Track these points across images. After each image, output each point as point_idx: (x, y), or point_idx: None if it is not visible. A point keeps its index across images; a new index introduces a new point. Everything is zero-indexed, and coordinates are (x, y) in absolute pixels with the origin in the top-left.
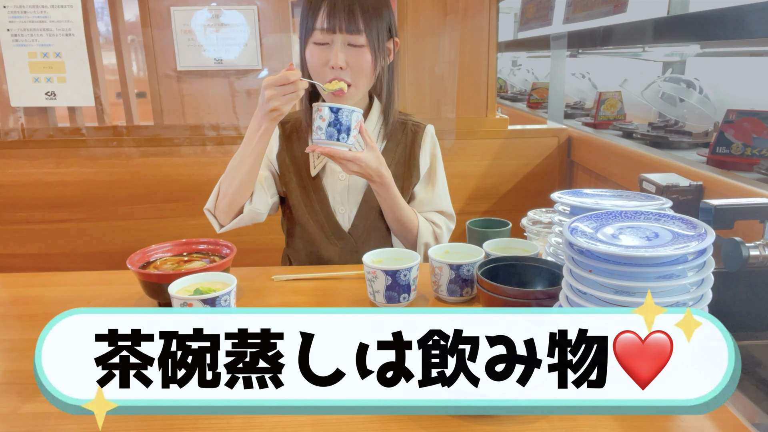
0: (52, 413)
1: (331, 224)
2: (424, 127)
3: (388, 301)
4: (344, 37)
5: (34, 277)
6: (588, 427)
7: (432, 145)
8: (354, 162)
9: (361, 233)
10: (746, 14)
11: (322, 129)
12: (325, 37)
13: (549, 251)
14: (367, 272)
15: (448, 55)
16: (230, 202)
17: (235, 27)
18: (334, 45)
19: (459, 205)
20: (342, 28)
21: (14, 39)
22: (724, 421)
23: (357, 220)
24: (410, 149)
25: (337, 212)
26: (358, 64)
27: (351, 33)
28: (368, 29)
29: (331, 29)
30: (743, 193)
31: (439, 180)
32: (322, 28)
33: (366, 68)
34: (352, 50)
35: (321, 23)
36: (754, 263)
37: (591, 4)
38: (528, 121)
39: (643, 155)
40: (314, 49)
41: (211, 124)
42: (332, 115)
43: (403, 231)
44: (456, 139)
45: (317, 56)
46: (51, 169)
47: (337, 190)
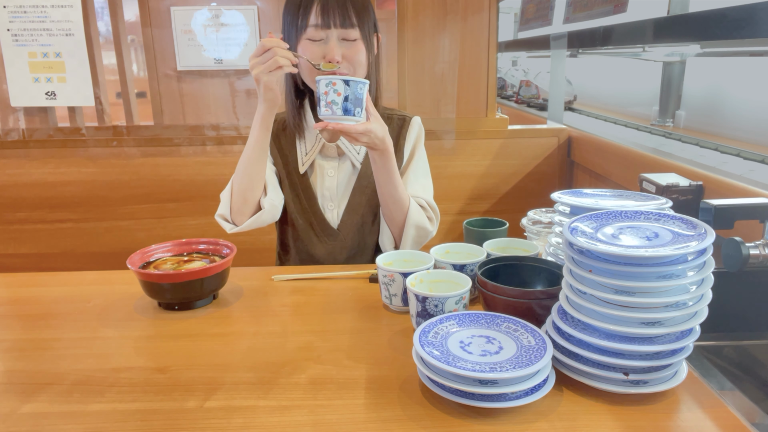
0: (52, 413)
1: (320, 221)
2: (410, 120)
3: (405, 305)
4: (339, 32)
5: (34, 277)
6: (588, 427)
7: (415, 136)
8: (365, 134)
9: (349, 229)
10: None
11: (338, 104)
12: (320, 33)
13: (549, 251)
14: (383, 276)
15: (448, 55)
16: (245, 198)
17: (235, 27)
18: (330, 40)
19: (458, 205)
20: (336, 24)
21: (14, 39)
22: (724, 421)
23: (346, 217)
24: (396, 143)
25: (326, 209)
26: (355, 56)
27: (345, 28)
28: (360, 23)
29: (325, 25)
30: (743, 193)
31: (416, 170)
32: (316, 25)
33: (362, 61)
34: (346, 44)
35: (315, 20)
36: (754, 263)
37: (591, 4)
38: (528, 121)
39: (643, 155)
40: (308, 45)
41: (211, 124)
42: (347, 88)
43: (395, 210)
44: (456, 139)
45: (313, 52)
46: (51, 169)
47: (326, 186)
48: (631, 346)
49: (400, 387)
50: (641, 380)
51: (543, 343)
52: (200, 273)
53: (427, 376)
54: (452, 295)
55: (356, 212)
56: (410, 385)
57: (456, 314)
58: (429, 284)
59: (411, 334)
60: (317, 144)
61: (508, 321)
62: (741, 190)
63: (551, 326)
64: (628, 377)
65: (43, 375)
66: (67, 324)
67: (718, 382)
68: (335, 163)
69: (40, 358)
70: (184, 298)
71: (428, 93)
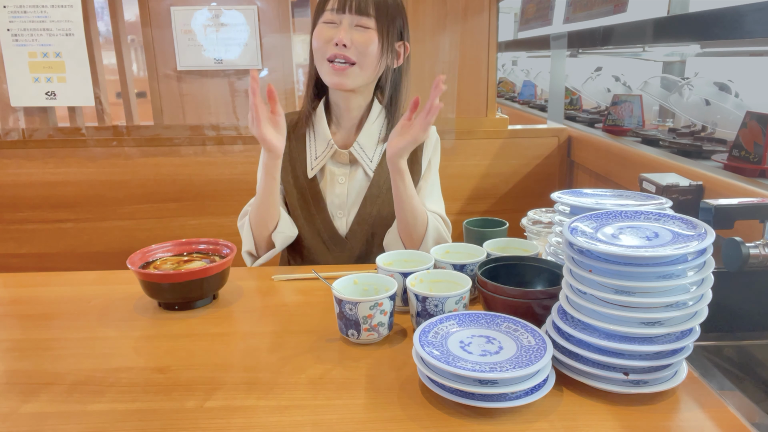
0: (52, 413)
1: (328, 229)
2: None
3: (405, 305)
4: (353, 17)
5: (34, 277)
6: (588, 427)
7: (432, 147)
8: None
9: (358, 239)
10: (746, 14)
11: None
12: (334, 17)
13: (549, 251)
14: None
15: (448, 55)
16: (262, 237)
17: (235, 27)
18: (342, 24)
19: (459, 205)
20: (351, 9)
21: (14, 39)
22: (724, 421)
23: (355, 226)
24: (413, 153)
25: (335, 217)
26: (364, 42)
27: (360, 14)
28: (379, 16)
29: (341, 9)
30: (743, 193)
31: (432, 183)
32: (332, 9)
33: (372, 50)
34: (359, 30)
35: (332, 4)
36: (754, 263)
37: (591, 4)
38: (528, 121)
39: (643, 155)
40: (322, 27)
41: (211, 124)
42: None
43: (414, 226)
44: (456, 139)
45: (323, 33)
46: (51, 169)
47: (335, 194)
48: (631, 346)
49: (400, 387)
50: (641, 380)
51: (543, 343)
52: (200, 273)
53: (427, 376)
54: (452, 295)
55: (366, 222)
56: (410, 385)
57: (456, 314)
58: (429, 284)
59: (411, 334)
60: (329, 149)
61: (508, 321)
62: (741, 190)
63: (551, 326)
64: (628, 377)
65: (43, 375)
66: (67, 324)
67: (718, 382)
68: (346, 170)
69: (40, 358)
70: (184, 298)
71: (428, 93)
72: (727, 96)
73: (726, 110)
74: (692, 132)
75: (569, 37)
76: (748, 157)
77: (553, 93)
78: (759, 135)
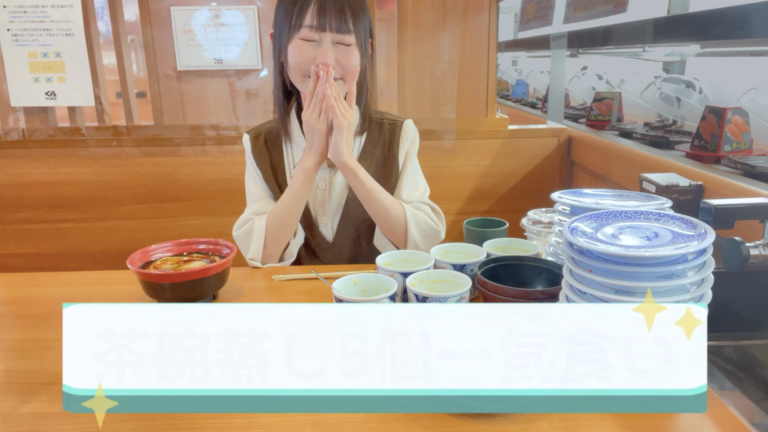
0: (52, 413)
1: (315, 235)
2: (401, 125)
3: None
4: (333, 36)
5: (34, 277)
6: (588, 427)
7: (410, 140)
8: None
9: (346, 243)
10: (746, 14)
11: None
12: (314, 34)
13: (549, 251)
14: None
15: (448, 55)
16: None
17: (235, 27)
18: (323, 43)
19: (458, 205)
20: (332, 27)
21: (14, 39)
22: (724, 421)
23: (341, 230)
24: (388, 149)
25: (320, 223)
26: (348, 62)
27: (341, 32)
28: (357, 29)
29: (321, 27)
30: (743, 193)
31: (413, 174)
32: (311, 26)
33: (354, 63)
34: (341, 48)
35: (310, 20)
36: (754, 263)
37: (591, 4)
38: (528, 121)
39: (643, 155)
40: (301, 44)
41: (211, 124)
42: None
43: (388, 219)
44: (456, 139)
45: (304, 52)
46: (51, 169)
47: (317, 200)
48: None
49: None
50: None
51: None
52: (200, 273)
53: None
54: (452, 295)
55: (351, 225)
56: None
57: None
58: (429, 284)
59: None
60: None
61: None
62: (741, 190)
63: None
64: None
65: (43, 375)
66: None
67: (718, 382)
68: (326, 174)
69: (40, 358)
70: (184, 298)
71: (428, 93)
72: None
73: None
74: (664, 125)
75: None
76: (706, 146)
77: (553, 93)
78: (715, 126)
